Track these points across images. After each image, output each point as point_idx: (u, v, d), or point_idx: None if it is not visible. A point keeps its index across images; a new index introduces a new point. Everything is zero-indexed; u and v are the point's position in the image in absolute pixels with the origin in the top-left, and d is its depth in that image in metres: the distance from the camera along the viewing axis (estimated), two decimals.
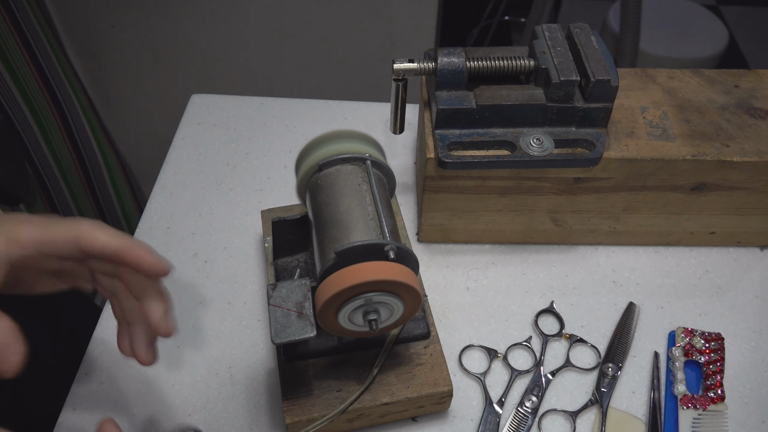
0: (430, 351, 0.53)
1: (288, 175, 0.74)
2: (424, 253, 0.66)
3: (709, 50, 1.86)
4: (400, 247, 0.43)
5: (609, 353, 0.58)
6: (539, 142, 0.57)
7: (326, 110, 0.82)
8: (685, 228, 0.65)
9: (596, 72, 0.55)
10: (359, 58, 1.37)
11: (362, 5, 1.27)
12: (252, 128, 0.80)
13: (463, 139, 0.57)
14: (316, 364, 0.52)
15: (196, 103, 0.83)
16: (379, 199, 0.47)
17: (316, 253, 0.47)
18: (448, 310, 0.62)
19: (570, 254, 0.66)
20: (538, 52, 0.57)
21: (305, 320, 0.44)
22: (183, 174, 0.74)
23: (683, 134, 0.59)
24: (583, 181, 0.59)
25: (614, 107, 0.59)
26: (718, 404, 0.54)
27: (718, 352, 0.57)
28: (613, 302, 0.62)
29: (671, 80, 0.64)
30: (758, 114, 0.61)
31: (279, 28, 1.33)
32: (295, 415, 0.49)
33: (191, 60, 1.40)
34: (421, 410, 0.53)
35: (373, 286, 0.42)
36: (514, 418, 0.54)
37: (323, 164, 0.48)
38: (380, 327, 0.45)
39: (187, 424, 0.42)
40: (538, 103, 0.56)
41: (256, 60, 1.39)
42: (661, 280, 0.64)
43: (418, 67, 0.57)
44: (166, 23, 1.33)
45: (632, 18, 1.50)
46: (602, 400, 0.55)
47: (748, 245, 0.67)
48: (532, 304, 0.62)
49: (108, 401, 0.55)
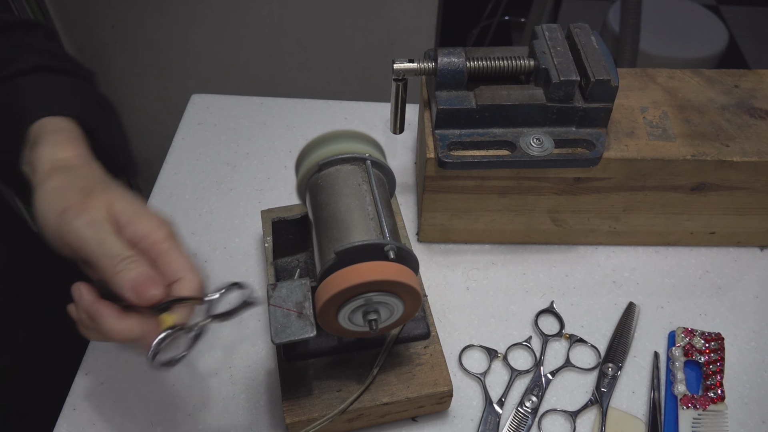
0: (430, 351, 0.53)
1: (288, 175, 0.74)
2: (424, 253, 0.66)
3: (709, 50, 1.86)
4: (400, 247, 0.43)
5: (609, 353, 0.58)
6: (539, 142, 0.57)
7: (326, 110, 0.82)
8: (685, 228, 0.65)
9: (596, 72, 0.55)
10: (359, 58, 1.37)
11: (362, 5, 1.27)
12: (252, 128, 0.80)
13: (463, 139, 0.57)
14: (316, 364, 0.52)
15: (196, 103, 0.83)
16: (379, 199, 0.47)
17: (316, 253, 0.47)
18: (448, 310, 0.62)
19: (570, 254, 0.66)
20: (538, 52, 0.57)
21: (305, 320, 0.44)
22: (183, 174, 0.74)
23: (683, 134, 0.59)
24: (583, 181, 0.59)
25: (614, 107, 0.59)
26: (718, 404, 0.54)
27: (718, 352, 0.57)
28: (613, 302, 0.62)
29: (671, 80, 0.64)
30: (758, 114, 0.61)
31: (279, 28, 1.33)
32: (295, 415, 0.49)
33: (191, 60, 1.40)
34: (421, 410, 0.53)
35: (373, 286, 0.42)
36: (514, 418, 0.54)
37: (323, 164, 0.48)
38: (380, 327, 0.45)
39: (229, 281, 0.42)
40: (538, 103, 0.56)
41: (256, 60, 1.39)
42: (661, 280, 0.64)
43: (418, 67, 0.57)
44: (166, 23, 1.33)
45: (632, 18, 1.50)
46: (602, 400, 0.55)
47: (748, 245, 0.67)
48: (532, 304, 0.62)
49: (108, 401, 0.55)
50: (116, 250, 0.39)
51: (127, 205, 0.41)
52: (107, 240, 0.39)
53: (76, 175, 0.43)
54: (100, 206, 0.40)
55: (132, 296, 0.38)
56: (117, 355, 0.58)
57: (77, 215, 0.39)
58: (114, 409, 0.55)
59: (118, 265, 0.38)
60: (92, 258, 0.39)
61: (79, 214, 0.40)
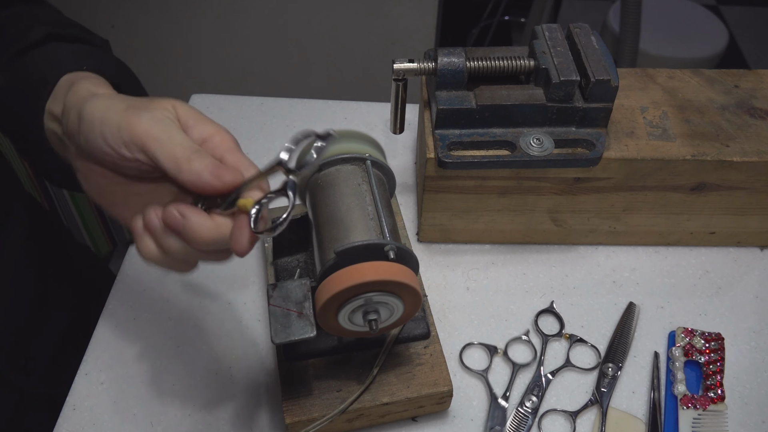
0: (430, 351, 0.53)
1: None
2: (424, 253, 0.66)
3: (709, 50, 1.86)
4: (400, 247, 0.43)
5: (609, 353, 0.58)
6: (539, 142, 0.57)
7: (326, 110, 0.82)
8: (685, 228, 0.65)
9: (596, 72, 0.55)
10: (359, 58, 1.37)
11: (362, 5, 1.28)
12: (252, 128, 0.80)
13: (463, 139, 0.57)
14: (316, 364, 0.52)
15: (196, 103, 0.83)
16: (379, 199, 0.47)
17: (316, 253, 0.47)
18: (448, 310, 0.62)
19: (570, 254, 0.66)
20: (538, 52, 0.57)
21: (305, 320, 0.44)
22: None
23: (683, 134, 0.59)
24: (583, 181, 0.59)
25: (614, 107, 0.59)
26: (718, 404, 0.54)
27: (718, 352, 0.57)
28: (613, 302, 0.62)
29: (671, 80, 0.64)
30: (758, 114, 0.61)
31: (279, 28, 1.33)
32: (295, 415, 0.49)
33: (191, 60, 1.40)
34: (421, 410, 0.53)
35: (373, 286, 0.42)
36: (515, 418, 0.54)
37: (323, 164, 0.48)
38: (380, 327, 0.45)
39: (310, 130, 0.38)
40: (538, 103, 0.56)
41: (256, 60, 1.39)
42: (661, 280, 0.64)
43: (418, 67, 0.57)
44: (166, 23, 1.33)
45: (632, 18, 1.51)
46: (602, 400, 0.55)
47: (748, 245, 0.67)
48: (532, 304, 0.62)
49: (108, 401, 0.55)
50: (187, 142, 0.38)
51: (191, 110, 0.41)
52: (177, 134, 0.38)
53: (124, 96, 0.42)
54: (167, 107, 0.40)
55: (211, 180, 0.37)
56: (117, 355, 0.58)
57: (145, 111, 0.39)
58: (114, 409, 0.55)
59: (192, 155, 0.37)
60: (163, 151, 0.37)
61: (147, 110, 0.39)
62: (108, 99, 0.40)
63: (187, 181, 0.37)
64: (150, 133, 0.38)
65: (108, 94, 0.42)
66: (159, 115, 0.39)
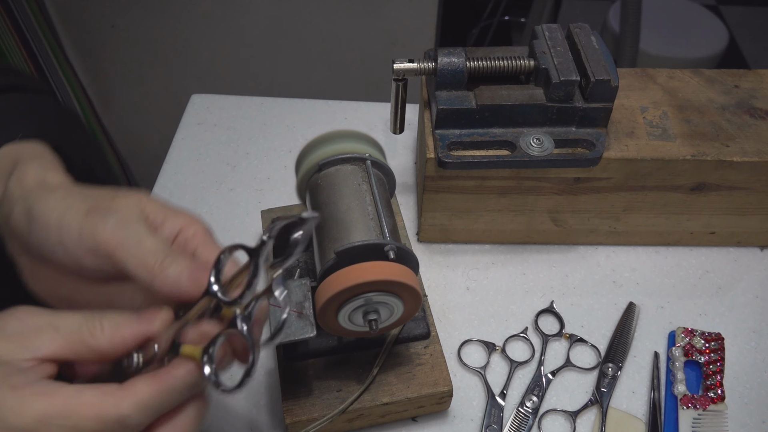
0: (430, 351, 0.53)
1: (288, 175, 0.74)
2: (424, 253, 0.66)
3: (709, 50, 1.86)
4: (400, 247, 0.43)
5: (609, 353, 0.58)
6: (539, 142, 0.57)
7: (326, 110, 0.82)
8: (685, 228, 0.65)
9: (596, 72, 0.55)
10: (359, 58, 1.37)
11: (362, 5, 1.28)
12: (252, 128, 0.80)
13: (463, 139, 0.57)
14: (316, 364, 0.52)
15: (196, 103, 0.83)
16: (379, 199, 0.47)
17: (316, 253, 0.47)
18: (448, 310, 0.62)
19: (570, 254, 0.66)
20: (538, 52, 0.57)
21: (305, 320, 0.44)
22: (183, 174, 0.74)
23: (683, 134, 0.59)
24: (583, 181, 0.59)
25: (614, 107, 0.59)
26: (718, 404, 0.54)
27: (718, 352, 0.57)
28: (613, 302, 0.62)
29: (671, 80, 0.64)
30: (758, 114, 0.61)
31: (279, 28, 1.33)
32: (295, 415, 0.49)
33: (191, 60, 1.40)
34: (421, 410, 0.53)
35: (373, 286, 0.42)
36: (515, 418, 0.54)
37: (323, 164, 0.48)
38: (380, 327, 0.45)
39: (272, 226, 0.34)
40: (538, 103, 0.56)
41: (256, 60, 1.39)
42: (661, 280, 0.64)
43: (418, 67, 0.57)
44: (166, 23, 1.33)
45: (632, 18, 1.51)
46: (602, 400, 0.55)
47: (748, 245, 0.67)
48: (532, 304, 0.62)
49: None
50: (158, 245, 0.35)
51: (158, 205, 0.37)
52: (147, 238, 0.35)
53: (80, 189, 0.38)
54: (132, 205, 0.36)
55: (190, 286, 0.34)
56: None
57: (109, 213, 0.35)
58: None
59: (165, 261, 0.34)
60: (132, 258, 0.34)
61: (111, 212, 0.35)
62: (63, 199, 0.36)
63: (162, 291, 0.34)
64: (117, 240, 0.34)
65: (62, 186, 0.38)
66: (125, 217, 0.35)
